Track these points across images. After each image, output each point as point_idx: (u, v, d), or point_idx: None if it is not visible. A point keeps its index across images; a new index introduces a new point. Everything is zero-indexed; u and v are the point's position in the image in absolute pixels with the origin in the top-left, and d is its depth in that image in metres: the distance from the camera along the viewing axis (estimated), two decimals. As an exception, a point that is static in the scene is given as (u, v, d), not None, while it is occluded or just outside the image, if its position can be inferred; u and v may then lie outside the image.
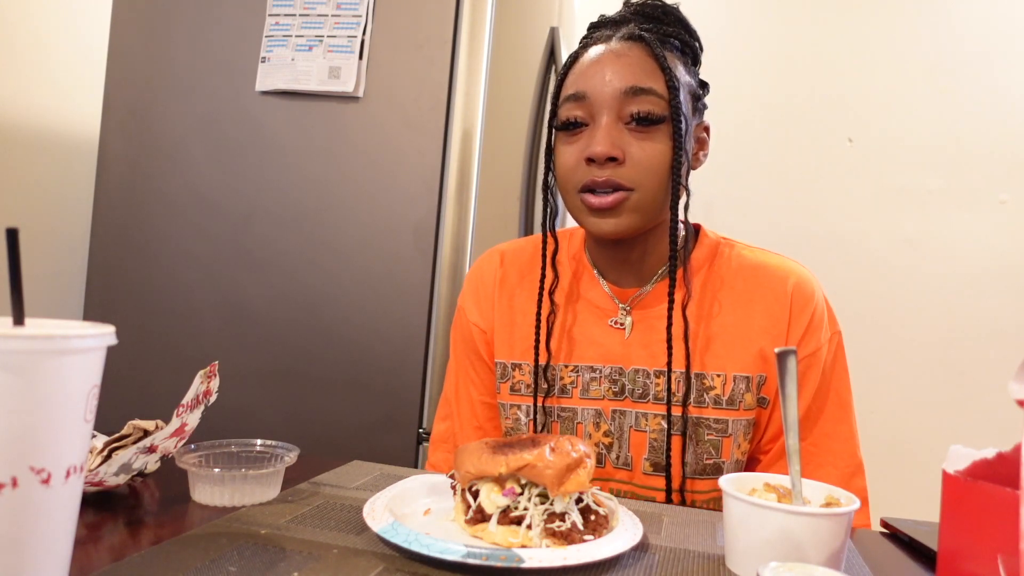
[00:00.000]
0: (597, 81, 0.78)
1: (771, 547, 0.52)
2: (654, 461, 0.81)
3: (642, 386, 0.82)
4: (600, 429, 0.83)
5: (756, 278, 0.84)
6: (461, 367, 0.93)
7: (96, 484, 0.62)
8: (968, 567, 0.46)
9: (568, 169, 0.79)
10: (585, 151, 0.77)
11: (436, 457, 0.94)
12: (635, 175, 0.76)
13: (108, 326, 0.42)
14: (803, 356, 0.81)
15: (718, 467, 0.80)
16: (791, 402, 0.57)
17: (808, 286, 0.84)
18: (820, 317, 0.83)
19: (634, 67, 0.77)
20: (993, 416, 1.88)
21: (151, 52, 1.41)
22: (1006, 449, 0.47)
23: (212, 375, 0.68)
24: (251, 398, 1.33)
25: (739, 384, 0.80)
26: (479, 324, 0.91)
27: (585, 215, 0.80)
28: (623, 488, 0.83)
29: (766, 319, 0.82)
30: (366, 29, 1.31)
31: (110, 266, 1.42)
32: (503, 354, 0.89)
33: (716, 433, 0.80)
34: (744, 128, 2.11)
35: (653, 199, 0.78)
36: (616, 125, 0.77)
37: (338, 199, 1.32)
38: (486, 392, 0.92)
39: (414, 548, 0.51)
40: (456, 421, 0.93)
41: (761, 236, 1.90)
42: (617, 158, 0.76)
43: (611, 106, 0.77)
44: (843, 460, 0.82)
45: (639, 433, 0.82)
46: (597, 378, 0.83)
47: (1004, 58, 1.95)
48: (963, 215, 1.97)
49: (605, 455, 0.83)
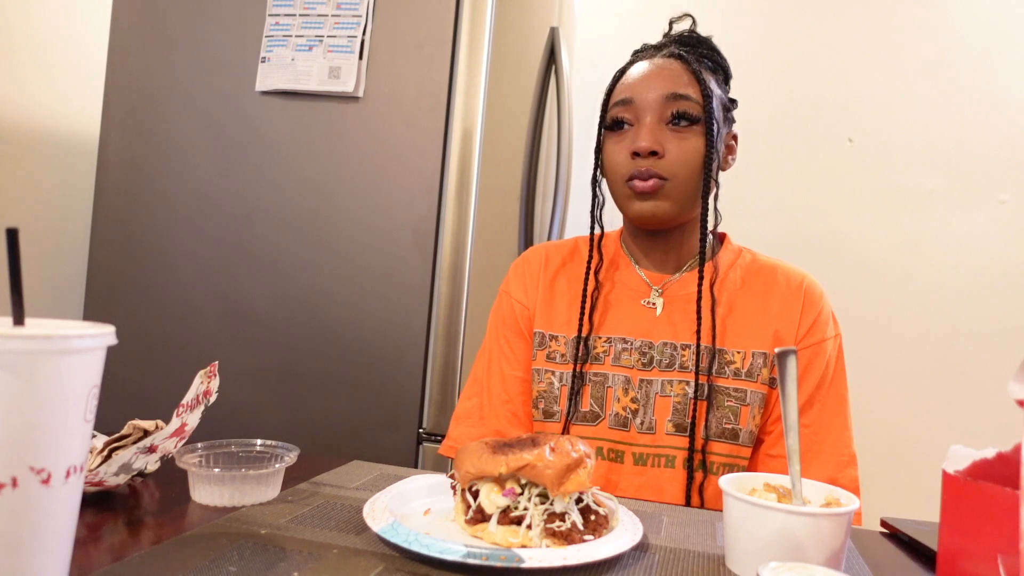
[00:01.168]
0: (642, 88, 0.90)
1: (771, 547, 0.52)
2: (677, 422, 0.89)
3: (669, 357, 0.91)
4: (628, 395, 0.91)
5: (773, 275, 0.95)
6: (497, 345, 1.01)
7: (96, 484, 0.62)
8: (968, 567, 0.46)
9: (616, 163, 0.91)
10: (631, 146, 0.89)
11: (458, 431, 0.98)
12: (672, 167, 0.88)
13: (108, 326, 0.42)
14: (811, 343, 0.90)
15: (735, 432, 0.88)
16: (791, 402, 0.57)
17: (818, 288, 0.95)
18: (827, 316, 0.93)
19: (674, 78, 0.90)
20: (993, 416, 1.88)
21: (151, 52, 1.41)
22: (1006, 449, 0.48)
23: (212, 375, 0.68)
24: (251, 398, 1.33)
25: (757, 359, 0.89)
26: (523, 301, 1.00)
27: (629, 200, 0.91)
28: (646, 451, 0.89)
29: (781, 306, 0.92)
30: (366, 29, 1.31)
31: (110, 266, 1.42)
32: (543, 325, 0.97)
33: (735, 400, 0.88)
34: (744, 128, 2.10)
35: (686, 188, 0.89)
36: (658, 125, 0.89)
37: (338, 199, 1.32)
38: (519, 367, 0.98)
39: (414, 548, 0.51)
40: (486, 396, 0.99)
41: (761, 236, 1.90)
42: (658, 152, 0.87)
43: (654, 109, 0.89)
44: (838, 449, 0.88)
45: (664, 398, 0.90)
46: (628, 349, 0.92)
47: (1004, 58, 1.95)
48: (963, 215, 1.97)
49: (631, 420, 0.90)
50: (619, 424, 0.90)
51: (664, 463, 0.88)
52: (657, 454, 0.89)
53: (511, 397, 0.97)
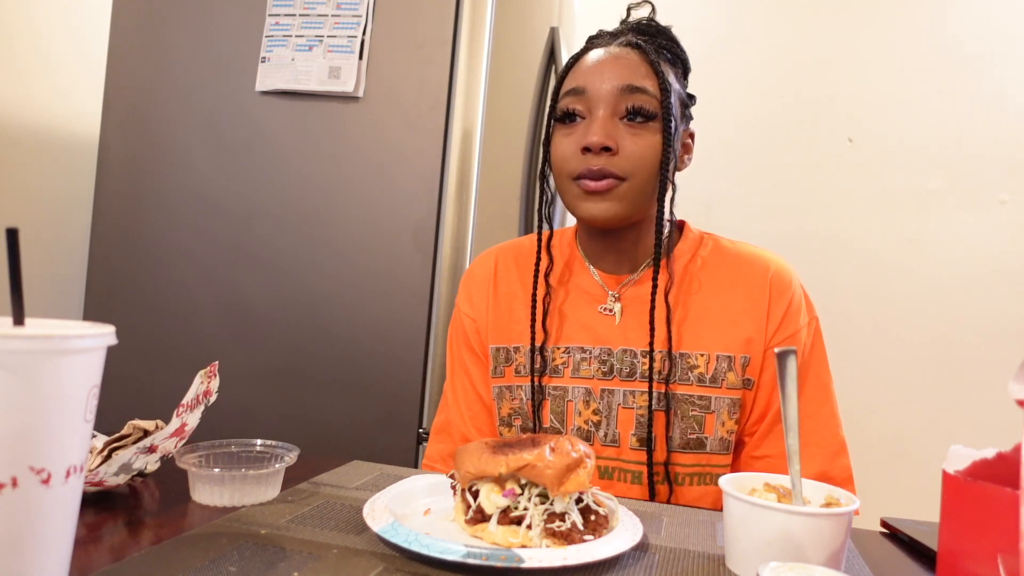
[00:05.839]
0: (596, 78, 0.84)
1: (771, 547, 0.52)
2: (640, 436, 0.85)
3: (629, 365, 0.86)
4: (589, 407, 0.87)
5: (737, 266, 0.90)
6: (455, 360, 0.98)
7: (96, 484, 0.62)
8: (968, 567, 0.46)
9: (565, 158, 0.85)
10: (582, 141, 0.82)
11: (432, 448, 0.98)
12: (627, 165, 0.82)
13: (108, 326, 0.42)
14: (783, 339, 0.86)
15: (701, 442, 0.84)
16: (791, 402, 0.57)
17: (786, 274, 0.89)
18: (798, 304, 0.88)
19: (630, 68, 0.83)
20: (993, 416, 1.88)
21: (151, 52, 1.41)
22: (1006, 449, 0.48)
23: (212, 375, 0.68)
24: (251, 398, 1.33)
25: (721, 363, 0.85)
26: (470, 315, 0.96)
27: (579, 200, 0.85)
28: (610, 465, 0.86)
29: (747, 303, 0.87)
30: (366, 29, 1.31)
31: (110, 266, 1.42)
32: (499, 339, 0.93)
33: (700, 409, 0.84)
34: (744, 128, 2.11)
35: (642, 189, 0.83)
36: (611, 119, 0.83)
37: (338, 199, 1.32)
38: (477, 381, 0.96)
39: (414, 548, 0.51)
40: (454, 411, 0.97)
41: (761, 236, 1.90)
42: (611, 148, 0.81)
43: (608, 101, 0.83)
44: (826, 440, 0.85)
45: (626, 410, 0.86)
46: (587, 358, 0.88)
47: (1004, 58, 1.95)
48: (963, 215, 1.97)
49: (593, 433, 0.86)
50: (582, 438, 0.86)
51: (630, 479, 0.85)
52: (622, 468, 0.85)
53: (475, 413, 0.95)
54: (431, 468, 0.95)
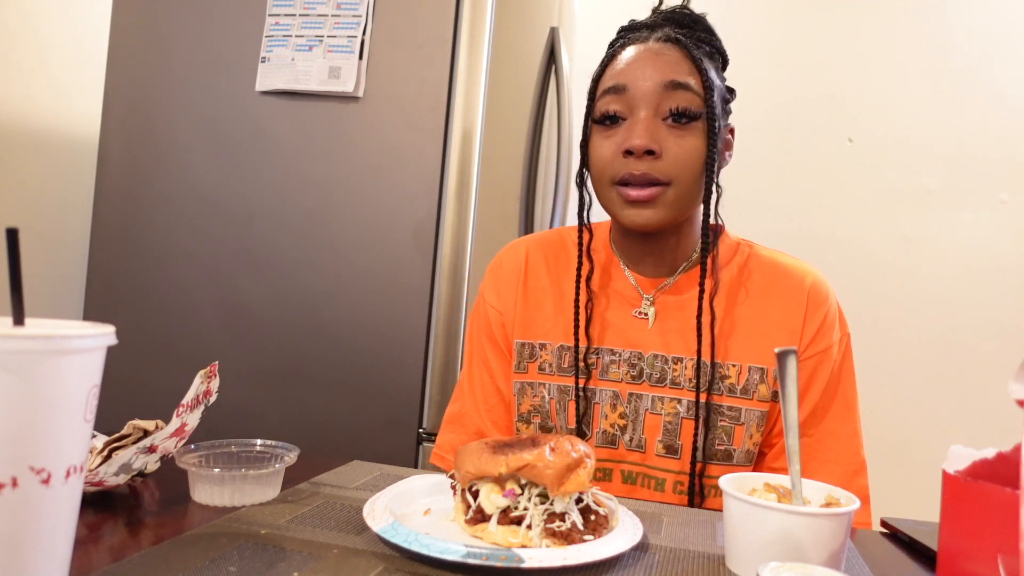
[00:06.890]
0: (637, 75, 0.80)
1: (771, 547, 0.52)
2: (667, 443, 0.83)
3: (660, 371, 0.84)
4: (616, 411, 0.85)
5: (775, 276, 0.87)
6: (475, 350, 0.96)
7: (96, 484, 0.62)
8: (968, 567, 0.46)
9: (605, 162, 0.81)
10: (623, 144, 0.79)
11: (444, 437, 0.95)
12: (672, 170, 0.78)
13: (108, 326, 0.42)
14: (814, 353, 0.84)
15: (728, 453, 0.82)
16: (791, 402, 0.57)
17: (824, 287, 0.87)
18: (833, 318, 0.86)
19: (673, 64, 0.79)
20: (993, 416, 1.88)
21: (151, 52, 1.41)
22: (1006, 449, 0.48)
23: (212, 375, 0.68)
24: (251, 398, 1.33)
25: (753, 375, 0.82)
26: (496, 306, 0.93)
27: (621, 207, 0.81)
28: (635, 470, 0.85)
29: (782, 314, 0.84)
30: (366, 29, 1.31)
31: (110, 266, 1.42)
32: (525, 334, 0.90)
33: (729, 420, 0.82)
34: (744, 128, 2.10)
35: (688, 194, 0.80)
36: (654, 120, 0.79)
37: (338, 199, 1.32)
38: (497, 374, 0.93)
39: (414, 548, 0.51)
40: (469, 402, 0.95)
41: (761, 236, 1.90)
42: (655, 151, 0.78)
43: (650, 100, 0.79)
44: (846, 458, 0.83)
45: (654, 416, 0.84)
46: (617, 361, 0.85)
47: (1004, 58, 1.95)
48: (963, 215, 1.97)
49: (619, 437, 0.85)
50: (607, 442, 0.84)
51: (654, 485, 0.83)
52: (646, 474, 0.84)
53: (491, 405, 0.93)
54: (441, 458, 0.93)
